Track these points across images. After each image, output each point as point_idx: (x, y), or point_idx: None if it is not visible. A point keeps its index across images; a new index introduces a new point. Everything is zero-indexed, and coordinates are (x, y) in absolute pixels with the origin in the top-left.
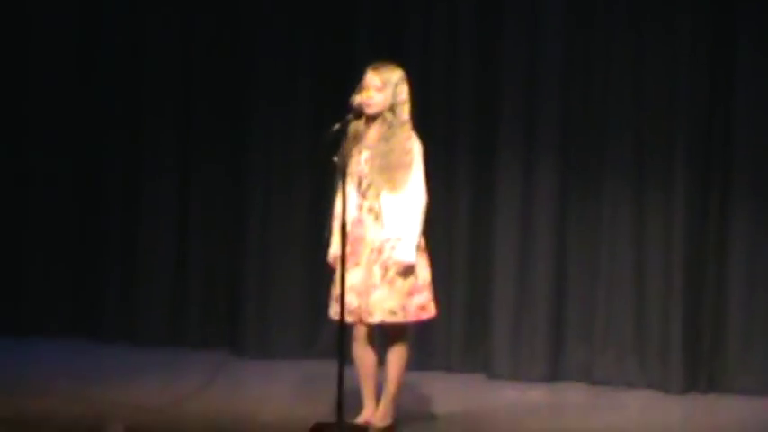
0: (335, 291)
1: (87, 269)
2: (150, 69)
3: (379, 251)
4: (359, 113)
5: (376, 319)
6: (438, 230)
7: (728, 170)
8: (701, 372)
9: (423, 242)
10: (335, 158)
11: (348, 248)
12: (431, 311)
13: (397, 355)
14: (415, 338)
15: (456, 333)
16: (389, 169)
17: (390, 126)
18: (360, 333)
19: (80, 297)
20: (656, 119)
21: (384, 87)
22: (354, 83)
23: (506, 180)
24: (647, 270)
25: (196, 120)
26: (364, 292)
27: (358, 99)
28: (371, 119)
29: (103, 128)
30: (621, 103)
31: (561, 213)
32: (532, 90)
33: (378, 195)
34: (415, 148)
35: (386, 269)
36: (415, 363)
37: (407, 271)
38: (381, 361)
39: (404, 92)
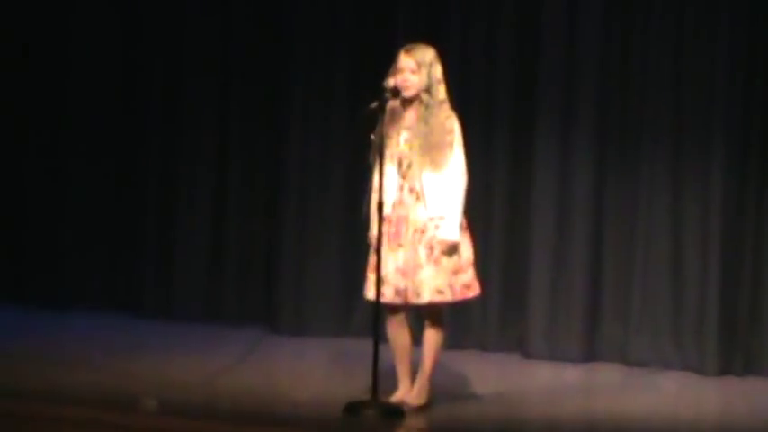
0: (371, 271)
1: (125, 244)
2: (190, 39)
3: (423, 231)
4: (395, 94)
5: (425, 298)
6: (476, 210)
7: (765, 152)
8: (736, 354)
9: (464, 221)
10: (373, 136)
11: (392, 229)
12: (476, 290)
13: (433, 335)
14: (451, 317)
15: (492, 312)
16: (430, 149)
17: (428, 106)
18: (395, 313)
19: (117, 272)
20: (694, 103)
21: (419, 69)
22: (392, 64)
23: (544, 162)
24: (683, 252)
25: (234, 94)
26: (411, 272)
27: (393, 82)
28: (408, 100)
29: (142, 109)
30: (660, 89)
31: (598, 195)
32: (571, 73)
33: (419, 176)
34: (456, 127)
35: (431, 248)
36: (451, 342)
37: (452, 250)
38: (416, 340)
39: (438, 71)
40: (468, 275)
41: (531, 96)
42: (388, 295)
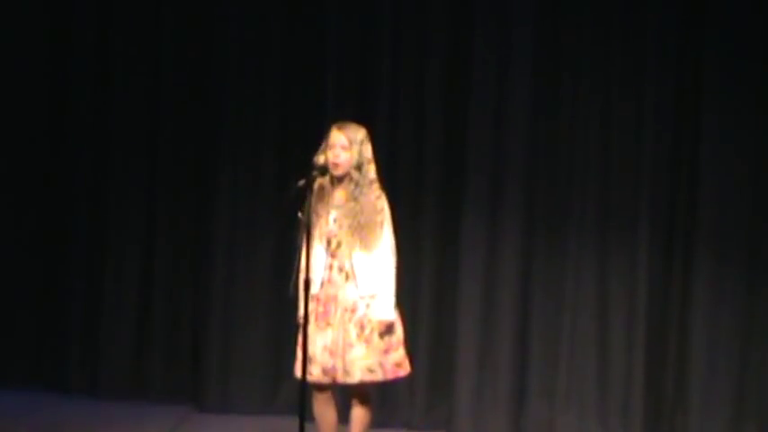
0: (299, 349)
1: (50, 321)
2: (118, 127)
3: (353, 310)
4: (324, 171)
5: (355, 378)
6: (402, 288)
7: (692, 230)
8: None
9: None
10: (300, 214)
11: (320, 308)
12: (406, 368)
13: (361, 414)
14: (378, 396)
15: (418, 390)
16: (360, 229)
17: (358, 185)
18: (322, 391)
19: (42, 349)
20: (620, 179)
21: (350, 146)
22: (323, 140)
23: (470, 240)
24: (609, 332)
25: (162, 170)
26: (340, 351)
27: (323, 158)
28: (338, 178)
29: (67, 175)
30: (586, 164)
31: (525, 273)
32: (498, 149)
33: (349, 255)
34: (385, 206)
35: (362, 327)
36: (377, 420)
37: (388, 329)
38: (342, 418)
39: (368, 150)
40: (400, 354)
41: (459, 176)
42: (316, 374)
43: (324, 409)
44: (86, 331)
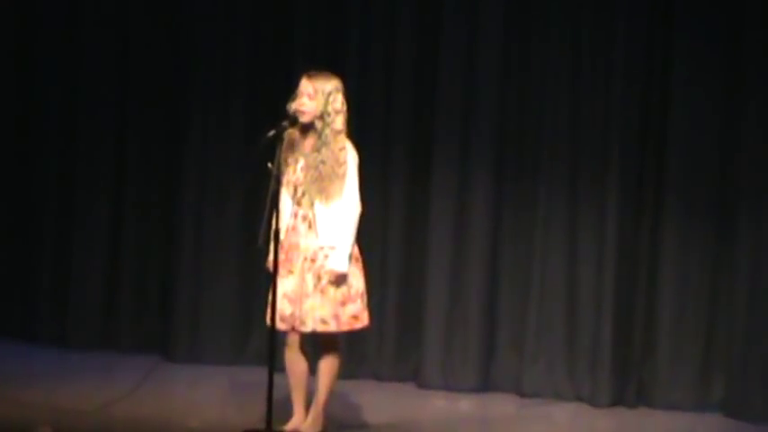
0: (270, 297)
1: (18, 271)
2: (87, 75)
3: (312, 260)
4: (294, 120)
5: (308, 327)
6: (372, 239)
7: (660, 183)
8: (629, 386)
9: (357, 252)
10: (270, 165)
11: (282, 256)
12: (364, 321)
13: (328, 364)
14: (347, 347)
15: (387, 342)
16: (321, 180)
17: (322, 135)
18: (292, 340)
19: (11, 299)
20: (590, 130)
21: (315, 95)
22: (291, 88)
23: (441, 190)
24: (578, 282)
25: (131, 120)
26: (297, 299)
27: (292, 107)
28: (307, 127)
29: (37, 128)
30: (556, 115)
31: (494, 224)
32: (469, 101)
33: (312, 204)
34: (350, 158)
35: (318, 278)
36: (346, 371)
37: (340, 280)
38: (313, 369)
39: (338, 101)
40: (357, 306)
41: (429, 124)
42: (278, 321)
43: (294, 360)
44: (55, 281)
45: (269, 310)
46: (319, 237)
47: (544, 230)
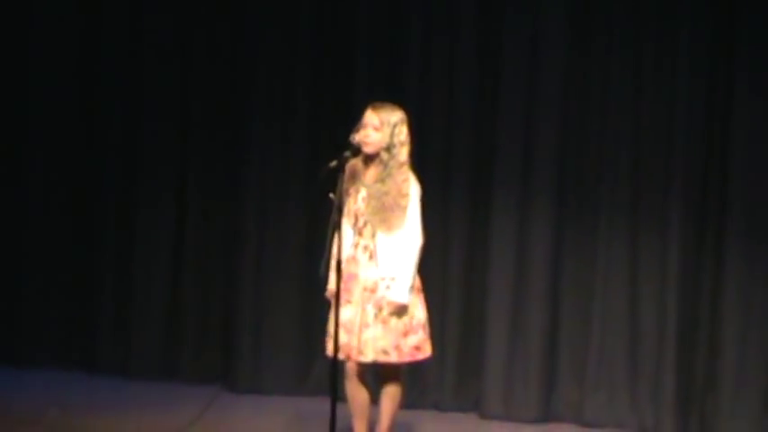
0: (331, 327)
1: (82, 300)
2: (149, 112)
3: (373, 290)
4: (357, 151)
5: (368, 358)
6: (432, 269)
7: (724, 209)
8: (692, 416)
9: (418, 282)
10: (332, 195)
11: (342, 285)
12: (426, 352)
13: (390, 395)
14: (408, 376)
15: (448, 372)
16: (384, 210)
17: (387, 166)
18: (352, 370)
19: (74, 329)
20: (652, 156)
21: (382, 127)
22: (353, 120)
23: (501, 220)
24: (640, 311)
25: (192, 150)
26: (356, 330)
27: (357, 137)
28: (370, 158)
29: (100, 157)
30: (618, 142)
31: (556, 253)
32: (529, 130)
33: (373, 235)
34: (412, 190)
35: (379, 308)
36: (407, 401)
37: (401, 311)
38: (375, 399)
39: (402, 133)
40: (419, 336)
41: (491, 160)
42: (331, 349)
43: (355, 389)
44: (117, 310)
45: (329, 340)
46: (380, 267)
47: (606, 259)
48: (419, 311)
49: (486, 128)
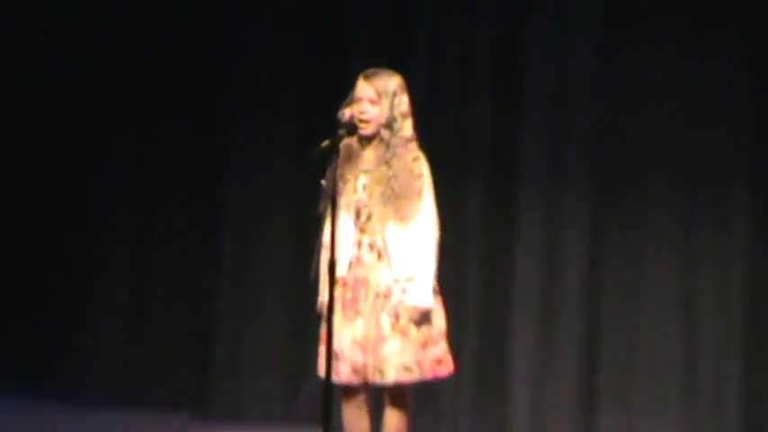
0: (324, 345)
1: (26, 312)
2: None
3: (387, 295)
4: (351, 129)
5: (390, 378)
6: (445, 274)
7: None
8: None
9: (436, 284)
10: (323, 182)
11: (348, 294)
12: (449, 366)
13: (395, 420)
14: (416, 403)
15: (465, 394)
16: (395, 198)
17: (390, 145)
18: (353, 394)
19: (27, 352)
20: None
21: (379, 99)
22: (349, 92)
23: (528, 210)
24: (698, 320)
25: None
26: (372, 346)
27: (349, 113)
28: (368, 138)
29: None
30: (668, 118)
31: (593, 253)
32: (560, 100)
33: (382, 229)
34: (425, 170)
35: (396, 316)
36: (416, 429)
37: (423, 318)
38: (374, 427)
39: (404, 103)
40: (440, 349)
41: (514, 133)
42: (344, 374)
43: (354, 417)
44: (70, 325)
45: (322, 360)
46: (394, 267)
47: (654, 259)
48: (438, 318)
49: (507, 95)
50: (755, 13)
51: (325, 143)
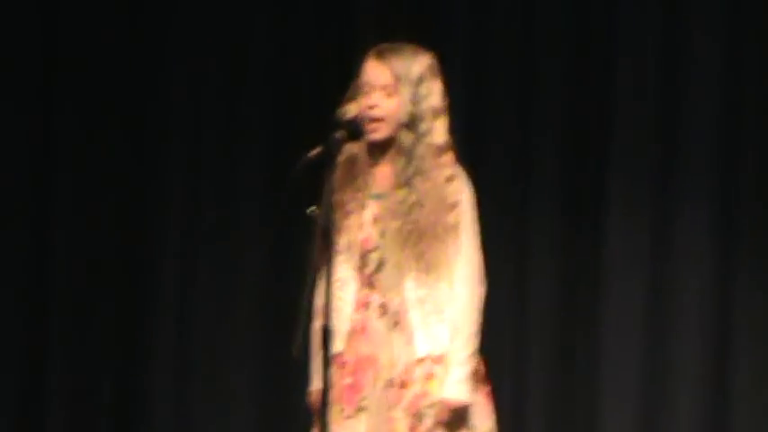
0: None
1: None
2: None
3: (404, 384)
4: (356, 132)
5: None
6: (500, 333)
7: None
8: None
9: (482, 366)
10: (312, 210)
11: (347, 378)
12: None
13: None
14: None
15: None
16: (419, 237)
17: (414, 157)
18: None
19: None
20: None
21: (397, 86)
22: (348, 79)
23: (616, 251)
24: None
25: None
26: None
27: (354, 110)
28: (380, 146)
29: None
30: None
31: (720, 306)
32: (655, 98)
33: (399, 284)
34: (465, 196)
35: (417, 416)
36: None
37: (458, 418)
38: None
39: (435, 94)
40: None
41: (600, 140)
42: None
43: None
44: None
45: None
46: (417, 341)
47: None
48: (482, 420)
49: (594, 86)
50: None
51: (316, 151)
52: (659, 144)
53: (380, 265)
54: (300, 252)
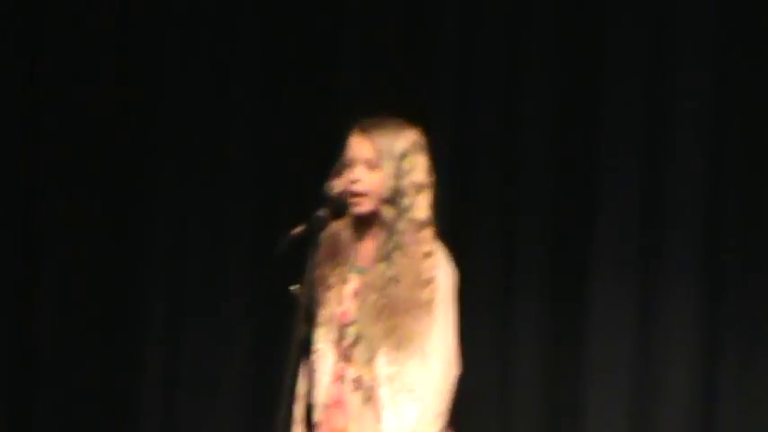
0: None
1: None
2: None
3: None
4: (339, 209)
5: None
6: (481, 416)
7: None
8: None
9: None
10: (295, 288)
11: None
12: None
13: None
14: None
15: None
16: (392, 312)
17: (394, 231)
18: None
19: None
20: None
21: (380, 161)
22: (335, 153)
23: (603, 326)
24: None
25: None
26: None
27: (339, 185)
28: (364, 221)
29: None
30: None
31: (705, 379)
32: (650, 167)
33: (372, 358)
34: (442, 273)
35: None
36: None
37: None
38: None
39: (418, 170)
40: None
41: (584, 211)
42: None
43: None
44: None
45: None
46: (385, 419)
47: None
48: None
49: (583, 154)
50: None
51: (298, 229)
52: (642, 223)
53: (357, 339)
54: (285, 329)
